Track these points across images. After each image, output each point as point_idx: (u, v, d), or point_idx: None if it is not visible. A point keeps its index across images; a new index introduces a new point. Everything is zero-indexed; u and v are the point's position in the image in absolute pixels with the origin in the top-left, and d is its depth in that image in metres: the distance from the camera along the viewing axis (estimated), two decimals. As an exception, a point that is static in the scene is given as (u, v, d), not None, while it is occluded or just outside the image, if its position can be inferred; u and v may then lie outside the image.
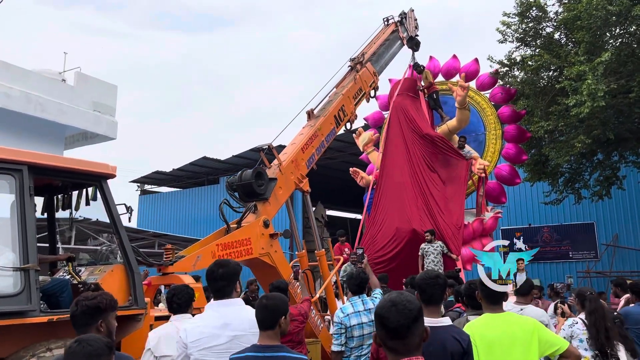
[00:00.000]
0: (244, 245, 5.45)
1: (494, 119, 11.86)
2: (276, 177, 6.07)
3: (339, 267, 6.78)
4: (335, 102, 7.44)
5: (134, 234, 16.93)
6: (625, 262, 18.26)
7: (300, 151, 6.56)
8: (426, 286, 2.89)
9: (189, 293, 3.79)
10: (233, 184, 5.86)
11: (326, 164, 24.66)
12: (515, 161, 12.09)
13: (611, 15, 9.56)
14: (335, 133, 7.40)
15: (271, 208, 5.91)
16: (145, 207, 32.20)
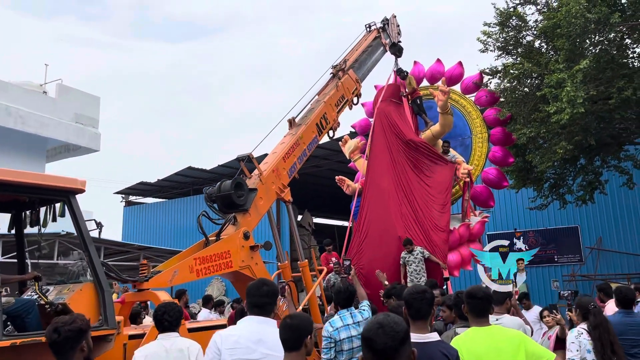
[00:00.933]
0: (224, 259, 5.28)
1: (479, 122, 11.85)
2: (256, 187, 5.92)
3: (322, 277, 6.64)
4: (317, 110, 7.33)
5: (118, 247, 16.61)
6: (609, 265, 18.43)
7: (282, 160, 6.43)
8: (413, 301, 2.84)
9: (179, 311, 3.71)
10: (212, 195, 5.71)
11: (313, 171, 24.55)
12: (502, 164, 12.10)
13: (590, 23, 9.66)
14: (318, 141, 7.29)
15: (251, 219, 5.76)
16: (131, 219, 31.77)
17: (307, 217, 27.30)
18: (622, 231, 18.33)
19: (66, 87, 14.66)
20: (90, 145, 15.27)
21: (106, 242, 15.94)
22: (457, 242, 10.09)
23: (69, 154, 16.19)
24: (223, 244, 5.33)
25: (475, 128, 11.88)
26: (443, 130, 10.85)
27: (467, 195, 10.73)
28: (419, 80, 12.08)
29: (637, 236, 18.01)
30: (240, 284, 5.91)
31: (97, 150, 15.65)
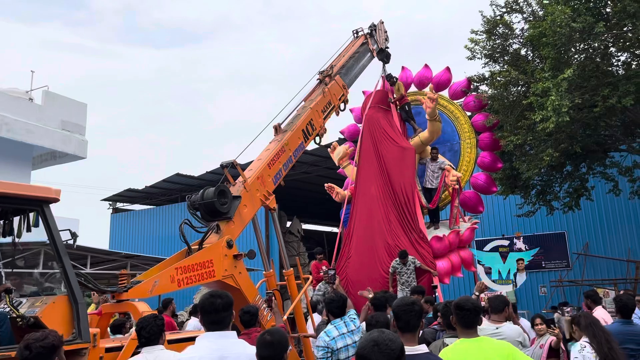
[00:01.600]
0: (206, 268, 5.17)
1: (468, 128, 11.86)
2: (240, 194, 5.82)
3: (307, 285, 6.53)
4: (303, 116, 7.25)
5: (104, 255, 16.34)
6: (596, 270, 18.55)
7: (267, 167, 6.33)
8: (402, 313, 2.81)
9: (158, 324, 3.61)
10: (195, 202, 5.60)
11: (302, 178, 24.46)
12: (491, 169, 12.11)
13: (575, 32, 9.73)
14: (304, 147, 7.21)
15: (235, 227, 5.65)
16: (118, 226, 31.43)
17: (297, 224, 27.19)
18: (608, 237, 18.47)
19: (52, 93, 14.48)
20: (77, 152, 15.10)
21: (92, 251, 15.67)
22: (446, 249, 10.04)
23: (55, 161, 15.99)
24: (205, 252, 5.22)
25: (463, 133, 11.89)
26: (431, 137, 10.84)
27: (457, 201, 10.70)
28: (407, 85, 12.08)
29: (623, 242, 18.16)
30: (223, 294, 5.80)
31: (84, 157, 15.47)
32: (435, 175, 10.58)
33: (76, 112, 14.99)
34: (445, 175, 10.37)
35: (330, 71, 8.19)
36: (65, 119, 14.52)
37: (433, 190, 10.55)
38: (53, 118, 14.18)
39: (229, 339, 2.85)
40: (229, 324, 2.90)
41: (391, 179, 10.11)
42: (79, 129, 15.12)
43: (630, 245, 17.98)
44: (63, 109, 14.51)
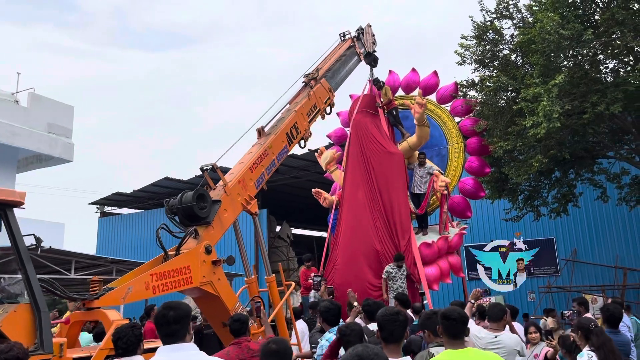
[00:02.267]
0: (183, 274, 5.00)
1: (455, 132, 11.78)
2: (221, 199, 5.67)
3: (289, 292, 6.38)
4: (287, 119, 7.12)
5: (89, 260, 16.05)
6: (584, 276, 18.57)
7: (249, 171, 6.18)
8: (386, 323, 2.75)
9: (135, 334, 3.48)
10: (173, 207, 5.44)
11: (292, 182, 24.33)
12: (478, 174, 12.03)
13: (564, 40, 9.75)
14: (288, 151, 7.07)
15: (215, 232, 5.49)
16: (106, 230, 31.08)
17: (286, 229, 27.03)
18: (596, 243, 18.51)
19: (38, 96, 14.25)
20: (63, 155, 14.84)
21: (76, 255, 15.38)
22: (435, 255, 9.93)
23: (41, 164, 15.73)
24: (183, 258, 5.06)
25: (451, 138, 11.81)
26: (420, 142, 10.74)
27: (446, 207, 10.60)
28: (394, 89, 11.98)
29: (611, 248, 18.20)
30: (202, 301, 5.64)
31: (70, 160, 15.23)
32: (423, 181, 10.49)
33: (63, 114, 14.77)
34: (433, 180, 10.28)
35: (315, 74, 8.08)
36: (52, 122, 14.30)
37: (421, 195, 10.45)
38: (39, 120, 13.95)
39: (186, 351, 2.74)
40: (183, 336, 2.78)
41: (379, 185, 9.98)
42: (65, 131, 14.89)
43: (619, 251, 18.02)
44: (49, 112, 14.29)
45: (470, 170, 11.78)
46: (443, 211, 10.71)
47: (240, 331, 4.45)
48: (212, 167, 5.66)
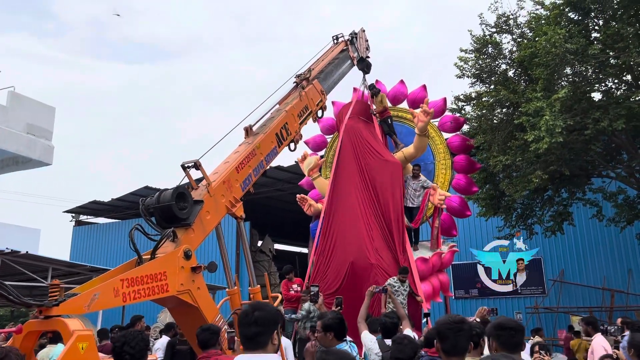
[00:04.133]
0: (158, 281, 4.45)
1: (443, 148, 11.49)
2: (203, 199, 5.15)
3: (276, 305, 5.84)
4: (277, 119, 6.67)
5: (67, 268, 15.26)
6: (571, 297, 18.42)
7: (234, 171, 5.68)
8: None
9: (144, 339, 3.11)
10: (150, 206, 4.90)
11: (276, 195, 23.81)
12: (465, 192, 11.74)
13: (570, 54, 9.69)
14: (277, 153, 6.60)
15: (195, 236, 4.95)
16: (80, 240, 30.11)
17: (268, 243, 26.45)
18: (584, 264, 18.41)
19: (19, 95, 13.60)
20: (42, 158, 14.15)
21: (54, 262, 14.61)
22: (429, 272, 9.49)
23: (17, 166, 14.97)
24: (158, 263, 4.51)
25: (438, 154, 11.52)
26: (417, 153, 10.36)
27: (438, 222, 10.21)
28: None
29: (598, 270, 18.09)
30: (178, 312, 5.07)
31: (50, 164, 14.53)
32: (417, 194, 10.10)
33: (43, 115, 14.12)
34: (430, 194, 9.89)
35: (308, 74, 7.67)
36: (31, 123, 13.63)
37: (414, 209, 10.05)
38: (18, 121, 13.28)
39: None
40: (265, 344, 2.33)
41: (377, 194, 9.49)
42: (45, 133, 14.23)
43: (606, 273, 17.92)
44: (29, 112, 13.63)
45: (457, 188, 11.48)
46: (434, 226, 10.33)
47: (209, 342, 3.97)
48: (194, 164, 5.15)
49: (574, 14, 10.78)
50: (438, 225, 10.32)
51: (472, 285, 19.80)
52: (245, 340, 2.36)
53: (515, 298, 19.09)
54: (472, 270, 19.49)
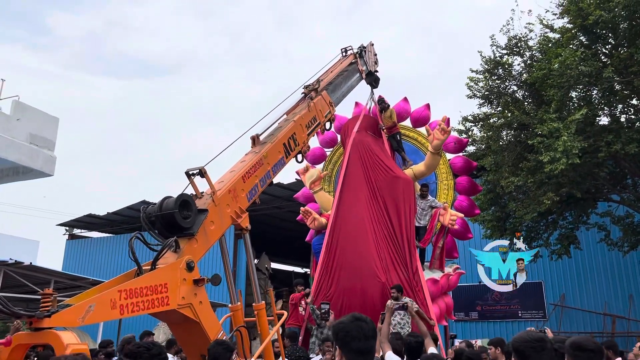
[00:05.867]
0: (158, 293, 4.16)
1: (445, 169, 11.32)
2: (207, 208, 4.89)
3: (280, 322, 5.55)
4: (285, 128, 6.46)
5: (70, 281, 14.88)
6: (572, 322, 18.18)
7: (241, 180, 5.43)
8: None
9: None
10: (151, 214, 4.64)
11: (274, 213, 23.52)
12: (468, 214, 11.54)
13: (584, 76, 9.70)
14: (285, 164, 6.36)
15: (198, 247, 4.68)
16: (73, 253, 29.60)
17: (265, 261, 26.04)
18: (585, 289, 18.20)
19: (23, 104, 13.45)
20: (44, 169, 13.97)
21: (56, 274, 14.23)
22: (438, 294, 9.20)
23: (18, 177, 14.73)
24: (159, 274, 4.23)
25: (440, 174, 11.34)
26: (428, 171, 10.16)
27: (442, 242, 9.96)
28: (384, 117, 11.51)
29: (599, 295, 17.87)
30: (178, 328, 4.76)
31: (51, 174, 14.36)
32: (424, 214, 9.88)
33: (47, 125, 14.01)
34: (440, 213, 9.66)
35: (316, 85, 7.48)
36: (34, 133, 13.49)
37: (421, 228, 9.80)
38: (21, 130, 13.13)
39: None
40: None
41: (387, 211, 9.20)
42: (48, 143, 14.09)
43: (607, 298, 17.68)
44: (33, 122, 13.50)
45: (459, 209, 11.28)
46: (437, 246, 10.07)
47: (220, 358, 3.67)
48: (199, 171, 4.91)
49: (584, 37, 10.85)
50: (442, 245, 10.08)
51: (472, 308, 19.49)
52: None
53: (516, 322, 18.82)
54: (472, 293, 19.20)
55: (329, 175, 11.35)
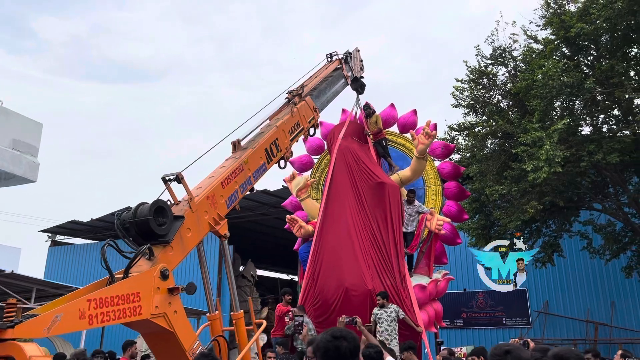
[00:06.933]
0: (130, 302, 4.03)
1: (433, 174, 11.28)
2: (184, 215, 4.77)
3: (259, 332, 5.42)
4: (267, 134, 6.36)
5: (53, 289, 14.48)
6: (556, 329, 18.27)
7: (220, 186, 5.32)
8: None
9: None
10: (125, 221, 4.51)
11: (260, 219, 23.33)
12: (456, 220, 11.50)
13: (566, 87, 9.81)
14: (266, 169, 6.26)
15: (174, 255, 4.55)
16: (55, 260, 29.05)
17: (251, 268, 25.80)
18: (568, 296, 18.31)
19: (6, 109, 13.20)
20: (27, 175, 13.73)
21: (38, 282, 13.86)
22: (426, 300, 9.09)
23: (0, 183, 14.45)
24: (131, 282, 4.09)
25: (428, 180, 11.30)
26: (414, 176, 10.08)
27: (426, 247, 9.89)
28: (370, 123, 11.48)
29: (582, 302, 18.00)
30: (152, 339, 4.62)
31: (34, 180, 14.11)
32: (411, 219, 9.82)
33: (30, 131, 13.79)
34: (427, 219, 9.61)
35: (300, 90, 7.41)
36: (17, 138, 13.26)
37: (409, 234, 9.75)
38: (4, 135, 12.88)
39: None
40: None
41: (374, 217, 9.11)
42: (31, 149, 13.85)
43: (590, 305, 17.81)
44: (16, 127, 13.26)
45: (448, 215, 11.23)
46: (421, 250, 10.02)
47: None
48: (176, 176, 4.79)
49: (567, 49, 10.99)
50: (425, 250, 10.03)
51: (457, 316, 19.49)
52: None
53: (500, 329, 18.86)
54: (457, 300, 19.21)
55: (316, 183, 11.25)
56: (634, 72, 10.63)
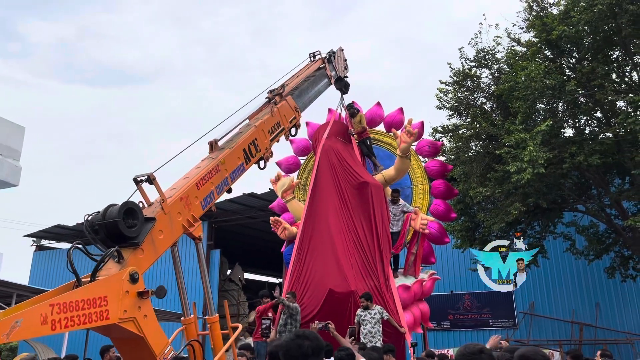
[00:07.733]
0: (97, 307, 3.90)
1: (421, 173, 11.21)
2: (156, 216, 4.65)
3: (235, 335, 5.31)
4: (246, 134, 6.25)
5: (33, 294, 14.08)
6: (541, 330, 18.33)
7: (194, 187, 5.20)
8: None
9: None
10: (94, 222, 4.38)
11: (247, 223, 23.14)
12: (444, 219, 11.44)
13: (548, 89, 9.85)
14: (244, 170, 6.14)
15: (144, 257, 4.42)
16: (40, 265, 28.58)
17: (238, 271, 25.60)
18: (553, 297, 18.39)
19: None
20: (9, 179, 13.47)
21: (19, 287, 13.53)
22: (411, 301, 9.00)
23: (-19, 187, 14.18)
24: (98, 286, 3.96)
25: (415, 178, 11.24)
26: (398, 175, 9.99)
27: (416, 248, 9.79)
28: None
29: (567, 303, 18.08)
30: (122, 344, 4.49)
31: (16, 185, 13.86)
32: (396, 219, 9.74)
33: (12, 134, 13.58)
34: (411, 218, 9.53)
35: (281, 90, 7.30)
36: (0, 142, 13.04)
37: (394, 234, 9.67)
38: (-16, 139, 12.62)
39: None
40: None
41: (358, 218, 9.03)
42: (13, 153, 13.64)
43: (574, 306, 17.90)
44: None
45: (435, 214, 11.17)
46: (411, 252, 9.93)
47: None
48: (148, 177, 4.67)
49: (549, 52, 11.05)
50: (415, 251, 9.93)
51: (444, 317, 19.47)
52: None
53: (487, 330, 18.84)
54: (444, 302, 19.19)
55: (302, 184, 11.14)
56: (615, 75, 10.71)
